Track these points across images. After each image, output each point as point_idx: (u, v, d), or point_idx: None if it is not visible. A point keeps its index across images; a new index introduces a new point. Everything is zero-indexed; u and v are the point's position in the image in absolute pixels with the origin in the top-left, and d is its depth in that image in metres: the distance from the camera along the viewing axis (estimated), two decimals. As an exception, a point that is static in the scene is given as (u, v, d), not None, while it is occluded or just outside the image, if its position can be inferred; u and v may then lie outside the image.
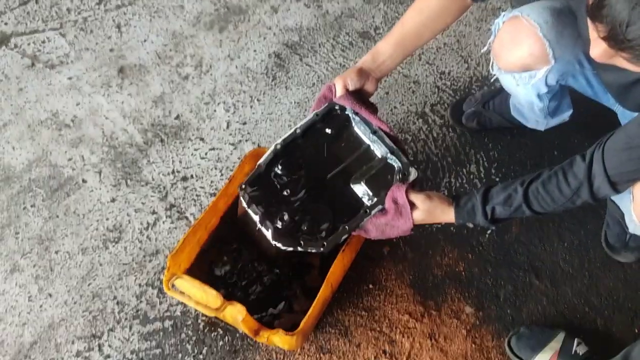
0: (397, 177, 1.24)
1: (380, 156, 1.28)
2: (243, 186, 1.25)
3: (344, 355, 1.41)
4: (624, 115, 1.39)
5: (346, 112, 1.31)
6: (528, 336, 1.41)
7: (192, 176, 1.68)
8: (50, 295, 1.50)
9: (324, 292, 1.31)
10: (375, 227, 1.24)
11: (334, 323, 1.45)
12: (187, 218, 1.61)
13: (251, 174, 1.27)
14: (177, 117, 1.79)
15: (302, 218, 1.23)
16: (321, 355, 1.41)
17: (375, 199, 1.24)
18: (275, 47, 1.94)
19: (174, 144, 1.74)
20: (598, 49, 0.91)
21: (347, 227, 1.22)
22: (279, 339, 1.28)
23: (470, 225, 1.58)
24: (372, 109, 1.34)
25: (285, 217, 1.21)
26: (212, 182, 1.67)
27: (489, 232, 1.58)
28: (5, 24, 1.97)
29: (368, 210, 1.23)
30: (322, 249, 1.21)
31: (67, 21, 1.98)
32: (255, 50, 1.93)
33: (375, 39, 1.95)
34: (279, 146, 1.27)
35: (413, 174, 1.23)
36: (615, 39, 0.86)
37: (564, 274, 1.52)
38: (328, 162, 1.30)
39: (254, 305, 1.35)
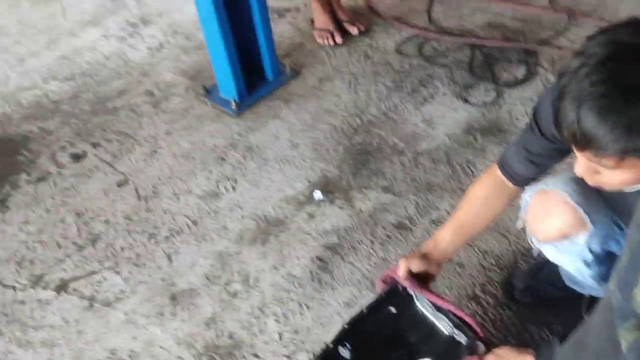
0: (465, 352, 1.25)
1: (447, 333, 1.31)
2: None
3: None
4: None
5: (409, 292, 1.39)
6: None
7: (250, 397, 1.63)
8: None
9: None
10: None
11: None
12: None
13: (319, 354, 1.35)
14: (230, 336, 1.80)
15: None
16: None
17: None
18: (317, 251, 2.00)
19: (229, 365, 1.72)
20: (578, 163, 1.01)
21: None
22: None
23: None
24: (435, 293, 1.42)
25: None
26: (271, 401, 1.61)
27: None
28: (65, 270, 2.10)
29: None
30: None
31: (122, 258, 2.11)
32: (297, 257, 2.00)
33: (412, 229, 2.00)
34: (346, 326, 1.38)
35: (480, 348, 1.24)
36: (576, 141, 0.92)
37: None
38: (393, 341, 1.35)
39: None
